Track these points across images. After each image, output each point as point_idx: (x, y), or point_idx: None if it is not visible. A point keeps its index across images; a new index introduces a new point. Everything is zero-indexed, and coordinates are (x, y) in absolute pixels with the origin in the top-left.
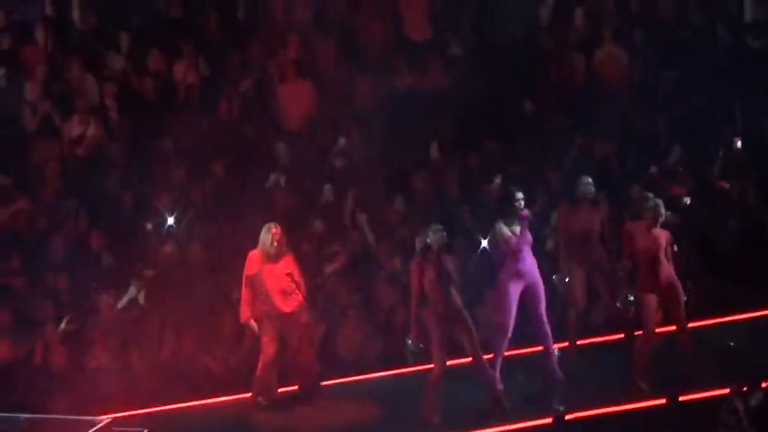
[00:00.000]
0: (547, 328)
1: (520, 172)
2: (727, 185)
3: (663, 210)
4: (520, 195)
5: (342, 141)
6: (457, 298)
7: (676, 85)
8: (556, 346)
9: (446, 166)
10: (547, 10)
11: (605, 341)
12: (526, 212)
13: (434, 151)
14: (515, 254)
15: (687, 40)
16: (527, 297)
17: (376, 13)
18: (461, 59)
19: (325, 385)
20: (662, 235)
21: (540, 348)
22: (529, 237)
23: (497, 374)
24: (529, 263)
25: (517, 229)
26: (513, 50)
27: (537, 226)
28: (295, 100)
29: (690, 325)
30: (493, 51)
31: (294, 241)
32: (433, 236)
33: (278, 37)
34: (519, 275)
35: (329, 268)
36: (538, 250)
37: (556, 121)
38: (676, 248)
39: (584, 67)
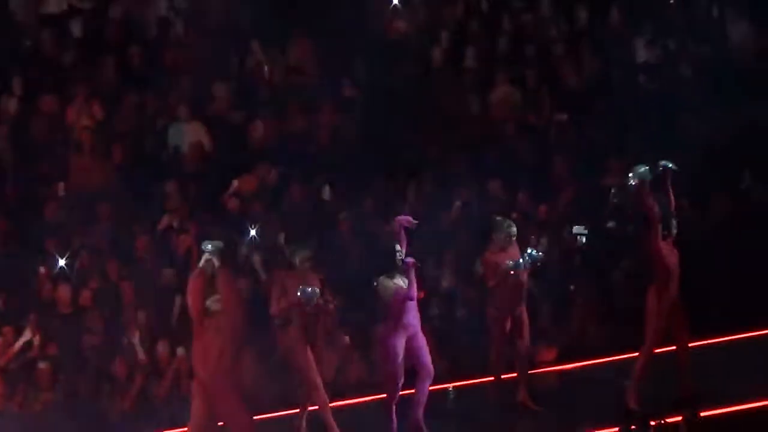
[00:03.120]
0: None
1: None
2: (612, 225)
3: (514, 229)
4: (398, 247)
5: (235, 183)
6: None
7: (569, 126)
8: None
9: (339, 209)
10: (440, 52)
11: None
12: (410, 260)
13: (326, 193)
14: (401, 305)
15: (580, 82)
16: (411, 347)
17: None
18: (355, 101)
19: None
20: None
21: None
22: (414, 288)
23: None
24: (414, 314)
25: (402, 280)
26: (407, 91)
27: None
28: (188, 140)
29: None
30: (387, 93)
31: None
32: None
33: (172, 79)
34: (404, 327)
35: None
36: None
37: (451, 161)
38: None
39: (478, 107)
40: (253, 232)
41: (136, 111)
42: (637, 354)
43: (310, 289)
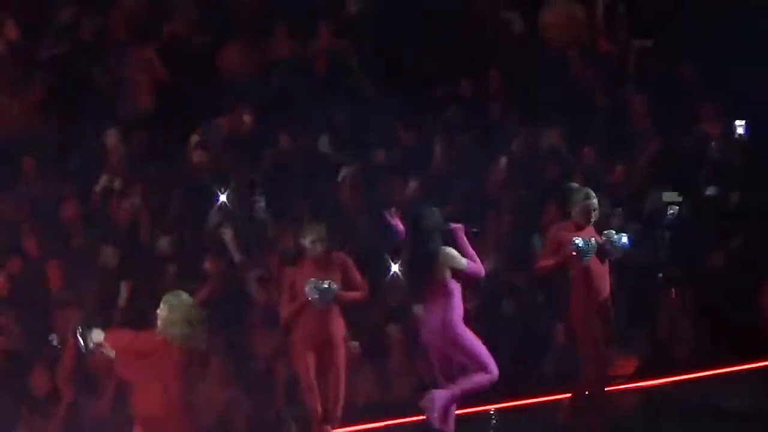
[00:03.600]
0: None
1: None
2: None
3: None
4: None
5: (198, 130)
6: None
7: (652, 56)
8: None
9: (340, 164)
10: None
11: None
12: (457, 225)
13: (324, 145)
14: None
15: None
16: None
17: None
18: (359, 20)
19: None
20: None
21: None
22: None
23: None
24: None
25: None
26: (429, 8)
27: None
28: (134, 72)
29: None
30: (402, 8)
31: None
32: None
33: None
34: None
35: None
36: None
37: (491, 101)
38: None
39: (526, 31)
40: (223, 197)
41: (64, 32)
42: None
43: (324, 284)
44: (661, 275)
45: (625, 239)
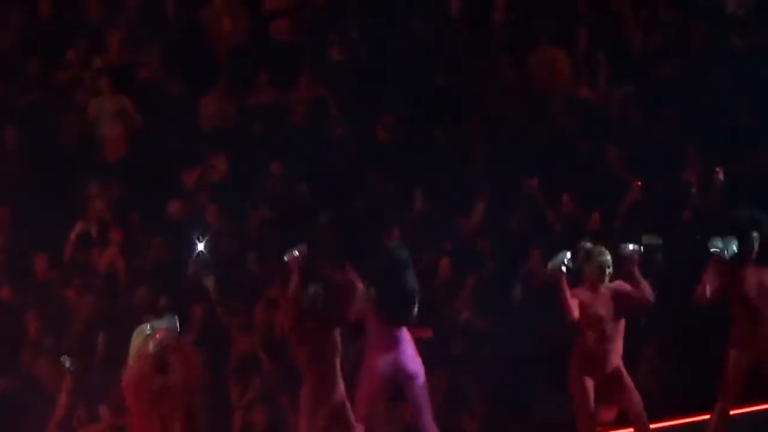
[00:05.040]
0: None
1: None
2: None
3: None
4: None
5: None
6: None
7: (634, 103)
8: None
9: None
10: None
11: None
12: None
13: (302, 191)
14: None
15: (650, 44)
16: None
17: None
18: (344, 68)
19: None
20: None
21: None
22: None
23: None
24: None
25: None
26: (415, 54)
27: None
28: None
29: None
30: (388, 56)
31: None
32: None
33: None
34: None
35: None
36: None
37: (473, 149)
38: None
39: (511, 76)
40: (201, 246)
41: (38, 80)
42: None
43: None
44: (642, 321)
45: None
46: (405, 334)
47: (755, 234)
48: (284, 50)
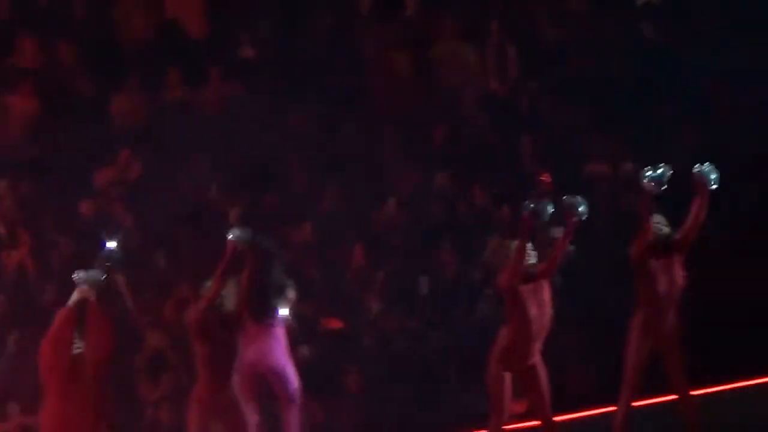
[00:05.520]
0: None
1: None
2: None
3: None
4: None
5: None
6: None
7: (543, 96)
8: None
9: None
10: None
11: None
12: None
13: (213, 190)
14: None
15: (560, 36)
16: None
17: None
18: (254, 64)
19: None
20: None
21: None
22: None
23: None
24: None
25: None
26: (326, 50)
27: None
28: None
29: None
30: (297, 53)
31: None
32: None
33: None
34: None
35: None
36: None
37: (383, 143)
38: None
39: (419, 70)
40: (113, 244)
41: None
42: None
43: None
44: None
45: None
46: (276, 331)
47: (656, 219)
48: (195, 47)
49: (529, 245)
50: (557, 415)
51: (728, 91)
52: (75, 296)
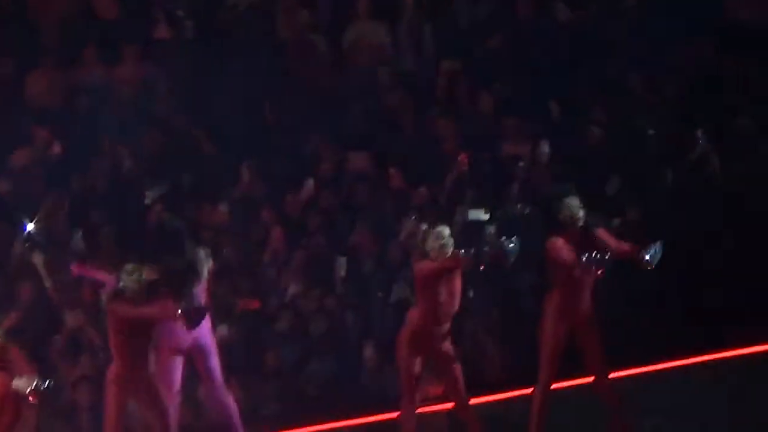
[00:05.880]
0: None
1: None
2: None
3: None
4: None
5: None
6: None
7: (460, 76)
8: None
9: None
10: None
11: None
12: None
13: (128, 169)
14: None
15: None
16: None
17: None
18: (168, 44)
19: None
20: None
21: None
22: None
23: None
24: None
25: None
26: (240, 31)
27: None
28: None
29: None
30: (215, 33)
31: None
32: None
33: None
34: None
35: None
36: None
37: (298, 123)
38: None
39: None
40: (30, 225)
41: None
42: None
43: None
44: (471, 293)
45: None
46: None
47: (571, 201)
48: (110, 27)
49: (447, 230)
50: (474, 398)
51: (641, 72)
52: None
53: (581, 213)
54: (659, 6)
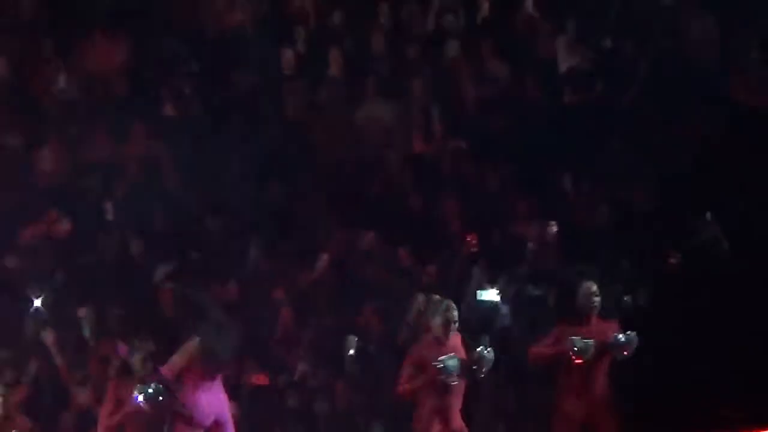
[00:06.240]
0: None
1: None
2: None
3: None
4: None
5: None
6: None
7: (467, 157)
8: None
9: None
10: (292, 53)
11: None
12: None
13: (135, 248)
14: None
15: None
16: None
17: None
18: (176, 122)
19: None
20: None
21: None
22: None
23: None
24: None
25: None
26: (244, 107)
27: None
28: None
29: None
30: (219, 111)
31: None
32: None
33: None
34: None
35: None
36: None
37: (310, 204)
38: None
39: (343, 131)
40: (38, 302)
41: None
42: None
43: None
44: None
45: (487, 352)
46: (219, 382)
47: (590, 288)
48: (118, 105)
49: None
50: None
51: (647, 153)
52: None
53: (598, 299)
54: (665, 87)
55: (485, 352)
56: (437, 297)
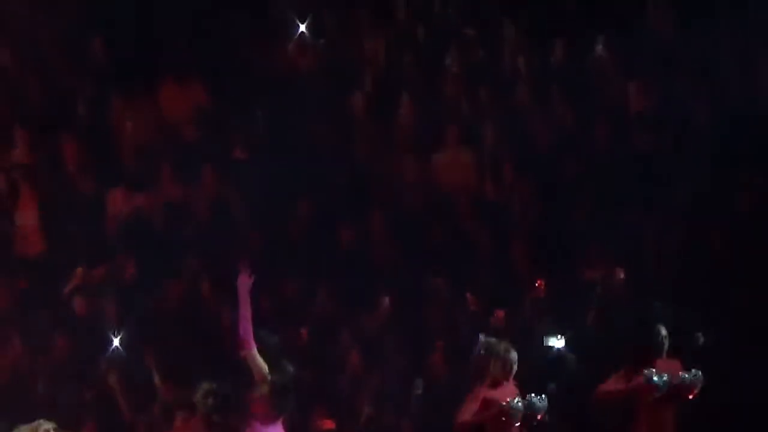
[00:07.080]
0: None
1: None
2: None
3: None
4: None
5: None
6: None
7: (536, 201)
8: None
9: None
10: (363, 98)
11: None
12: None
13: (206, 291)
14: None
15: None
16: None
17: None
18: (246, 165)
19: None
20: None
21: None
22: None
23: None
24: None
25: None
26: (316, 152)
27: None
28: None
29: None
30: (289, 155)
31: None
32: None
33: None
34: None
35: None
36: None
37: (377, 247)
38: None
39: (417, 174)
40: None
41: None
42: None
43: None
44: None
45: (539, 400)
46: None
47: (662, 329)
48: (188, 148)
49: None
50: None
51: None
52: None
53: (667, 339)
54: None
55: (537, 399)
56: (495, 339)
